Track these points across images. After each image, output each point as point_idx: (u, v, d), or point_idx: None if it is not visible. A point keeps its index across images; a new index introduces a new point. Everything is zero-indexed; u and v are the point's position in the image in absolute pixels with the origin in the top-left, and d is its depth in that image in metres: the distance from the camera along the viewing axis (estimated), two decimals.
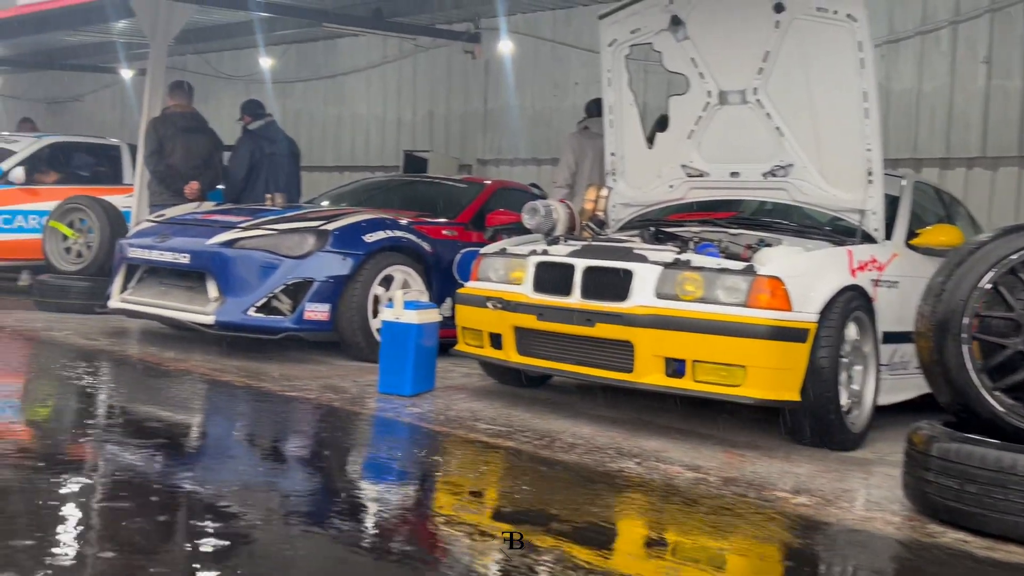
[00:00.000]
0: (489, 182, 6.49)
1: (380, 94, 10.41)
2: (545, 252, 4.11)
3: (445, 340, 4.83)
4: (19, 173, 7.17)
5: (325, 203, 6.43)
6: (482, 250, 4.46)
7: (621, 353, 3.67)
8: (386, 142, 10.42)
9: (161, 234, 5.24)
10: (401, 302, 4.21)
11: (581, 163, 6.00)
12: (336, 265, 5.03)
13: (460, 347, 4.40)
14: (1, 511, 2.36)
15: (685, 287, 3.63)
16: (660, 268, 3.70)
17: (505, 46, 9.00)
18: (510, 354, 4.07)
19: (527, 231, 6.26)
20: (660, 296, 3.65)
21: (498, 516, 2.64)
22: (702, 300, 3.60)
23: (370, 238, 5.17)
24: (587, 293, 3.81)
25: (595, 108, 6.18)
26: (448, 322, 5.42)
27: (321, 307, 5.00)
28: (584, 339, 3.79)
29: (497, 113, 9.50)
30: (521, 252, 4.21)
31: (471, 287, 4.35)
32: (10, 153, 7.43)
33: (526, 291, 4.03)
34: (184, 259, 5.07)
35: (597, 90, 8.72)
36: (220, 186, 6.91)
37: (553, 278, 3.94)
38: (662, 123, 5.09)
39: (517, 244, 4.45)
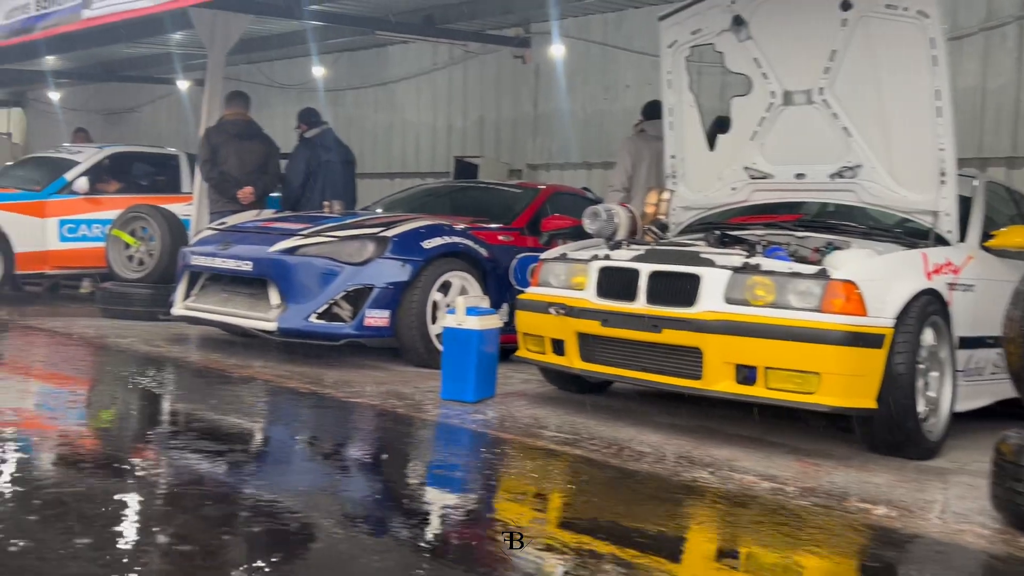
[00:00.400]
0: (543, 187, 6.45)
1: (430, 100, 10.42)
2: (607, 257, 4.05)
3: (503, 346, 4.88)
4: (83, 183, 7.31)
5: (380, 210, 6.44)
6: (542, 255, 4.41)
7: (689, 360, 3.59)
8: (436, 148, 10.44)
9: (223, 242, 5.29)
10: (463, 308, 4.18)
11: (638, 166, 5.93)
12: (395, 271, 5.02)
13: (521, 353, 4.35)
14: (68, 515, 2.36)
15: (755, 292, 3.54)
16: (729, 272, 3.61)
17: (556, 50, 8.96)
18: (573, 360, 4.01)
19: (583, 235, 6.23)
20: (729, 301, 3.56)
21: (569, 526, 2.59)
22: (773, 305, 3.50)
23: (428, 244, 5.15)
24: (653, 298, 3.73)
25: (651, 110, 6.11)
26: (506, 328, 5.40)
27: (381, 313, 4.99)
28: (650, 345, 3.72)
29: (547, 117, 9.46)
30: (582, 257, 4.15)
31: (532, 293, 4.30)
32: (74, 164, 7.58)
33: (589, 296, 3.97)
34: (246, 266, 5.10)
35: (649, 93, 8.72)
36: (276, 193, 6.96)
37: (617, 283, 3.88)
38: (719, 125, 5.01)
39: (577, 249, 4.39)
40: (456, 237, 5.30)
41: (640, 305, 3.75)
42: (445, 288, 5.20)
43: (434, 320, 5.11)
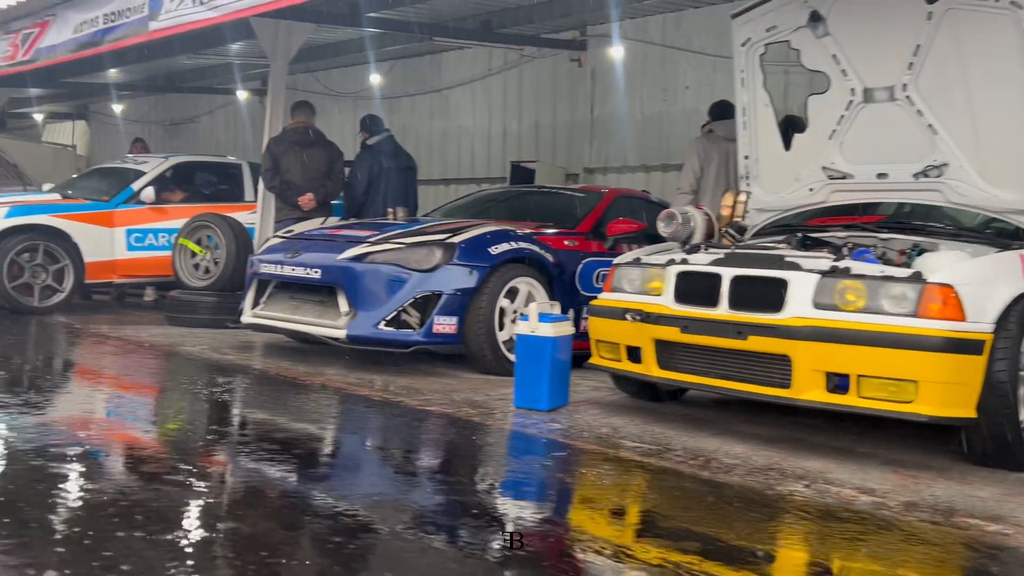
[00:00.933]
0: (607, 190, 6.34)
1: (485, 106, 10.38)
2: (684, 261, 3.93)
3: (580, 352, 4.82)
4: (149, 193, 7.39)
5: (441, 216, 6.40)
6: (616, 260, 4.31)
7: (777, 368, 3.45)
8: (491, 154, 10.38)
9: (292, 250, 5.28)
10: (536, 315, 4.09)
11: (706, 168, 5.79)
12: (463, 278, 4.96)
13: (594, 361, 4.25)
14: (141, 520, 2.32)
15: (846, 296, 3.39)
16: (817, 276, 3.47)
17: (613, 52, 8.85)
18: (650, 368, 3.89)
19: (648, 239, 6.11)
20: (818, 306, 3.42)
21: (660, 541, 2.47)
22: (865, 310, 3.35)
23: (495, 250, 5.08)
24: (736, 304, 3.61)
25: (719, 111, 5.96)
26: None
27: (449, 320, 4.93)
28: (734, 353, 3.59)
29: (604, 121, 9.34)
30: (658, 262, 4.04)
31: (605, 299, 4.20)
32: (140, 174, 7.67)
33: (667, 302, 3.85)
34: (315, 274, 5.09)
35: (709, 93, 8.56)
36: (339, 200, 6.97)
37: (697, 288, 3.76)
38: (789, 124, 4.85)
39: (651, 253, 4.28)
40: (522, 242, 5.22)
41: (722, 311, 3.63)
42: (512, 294, 5.13)
43: (501, 327, 5.05)
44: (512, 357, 5.07)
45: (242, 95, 11.83)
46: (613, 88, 9.18)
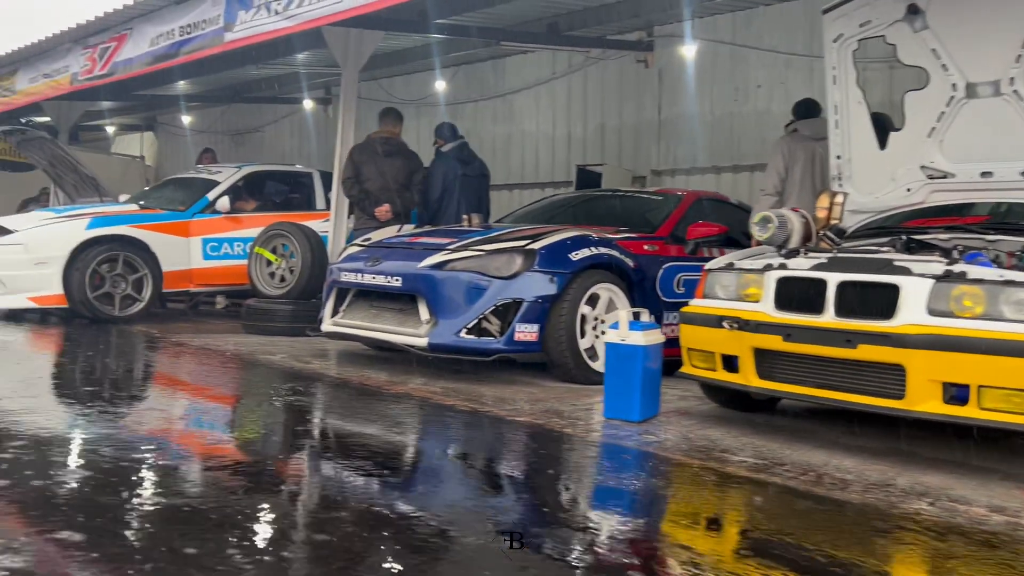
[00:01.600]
0: (684, 193, 6.18)
1: (549, 110, 10.28)
2: (783, 266, 3.77)
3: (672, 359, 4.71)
4: (225, 202, 7.46)
5: (513, 222, 6.31)
6: (707, 265, 4.16)
7: (889, 378, 3.28)
8: (556, 158, 10.28)
9: (371, 258, 5.24)
10: (626, 323, 3.97)
11: (791, 169, 5.59)
12: (544, 285, 4.86)
13: (687, 370, 4.11)
14: (221, 528, 2.27)
15: (963, 303, 3.21)
16: (930, 281, 3.29)
17: (682, 52, 8.69)
18: (749, 378, 3.74)
19: (729, 243, 5.94)
20: (932, 313, 3.24)
21: (793, 568, 2.33)
22: (984, 317, 3.16)
23: (576, 256, 4.97)
24: (843, 311, 3.44)
25: (803, 109, 5.78)
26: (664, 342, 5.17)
27: (530, 328, 4.84)
28: (842, 362, 3.43)
29: (672, 122, 9.17)
30: (754, 267, 3.89)
31: (698, 306, 4.06)
32: (214, 183, 7.74)
33: (766, 309, 3.70)
34: (396, 282, 5.04)
35: (782, 92, 8.34)
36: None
37: (799, 295, 3.60)
38: (877, 123, 4.66)
39: (744, 258, 4.12)
40: (602, 248, 5.11)
41: (828, 318, 3.47)
42: (592, 301, 5.02)
43: (582, 334, 4.94)
44: (594, 365, 4.99)
45: (308, 104, 11.92)
46: (681, 88, 9.01)
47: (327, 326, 5.44)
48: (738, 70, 8.58)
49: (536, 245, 4.96)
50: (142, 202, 7.75)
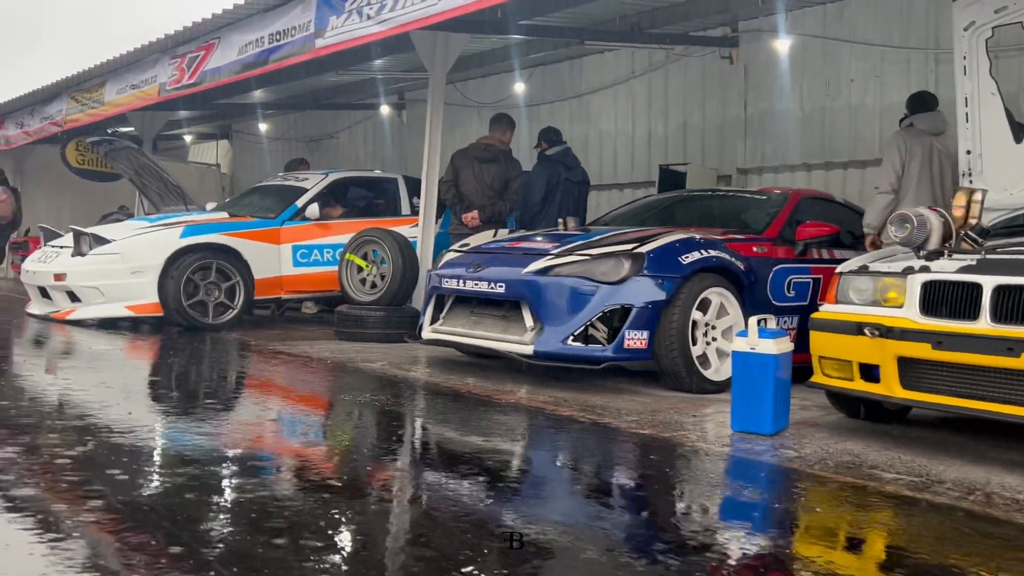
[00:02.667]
0: (790, 192, 5.93)
1: (628, 109, 10.07)
2: (926, 269, 3.52)
3: None
4: (314, 209, 7.43)
5: (606, 224, 6.14)
6: (839, 268, 3.93)
7: None
8: (636, 158, 10.07)
9: (473, 264, 5.12)
10: (755, 329, 3.76)
11: (908, 165, 5.30)
12: (653, 290, 4.68)
13: (818, 379, 3.88)
14: (319, 536, 2.14)
15: None
16: None
17: (768, 47, 8.41)
18: (892, 388, 3.51)
19: (840, 244, 5.67)
20: None
21: None
22: None
23: (686, 259, 4.78)
24: (1001, 317, 3.19)
25: (918, 103, 5.48)
26: None
27: (640, 335, 4.66)
28: (1001, 372, 3.17)
29: (759, 119, 8.88)
30: (893, 269, 3.65)
31: (831, 311, 3.83)
32: (301, 191, 7.73)
33: (910, 315, 3.46)
34: (499, 289, 4.91)
35: (876, 86, 8.00)
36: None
37: (949, 300, 3.35)
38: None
39: (877, 260, 3.88)
40: (712, 250, 4.90)
41: (984, 325, 3.22)
42: (703, 306, 4.82)
43: (694, 341, 4.74)
44: (706, 373, 4.79)
45: (385, 110, 11.92)
46: (769, 84, 8.72)
47: (427, 333, 5.33)
48: (829, 64, 8.27)
49: (644, 249, 4.78)
50: (233, 210, 7.78)
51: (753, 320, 3.80)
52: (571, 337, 4.66)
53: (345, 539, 2.30)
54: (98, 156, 11.87)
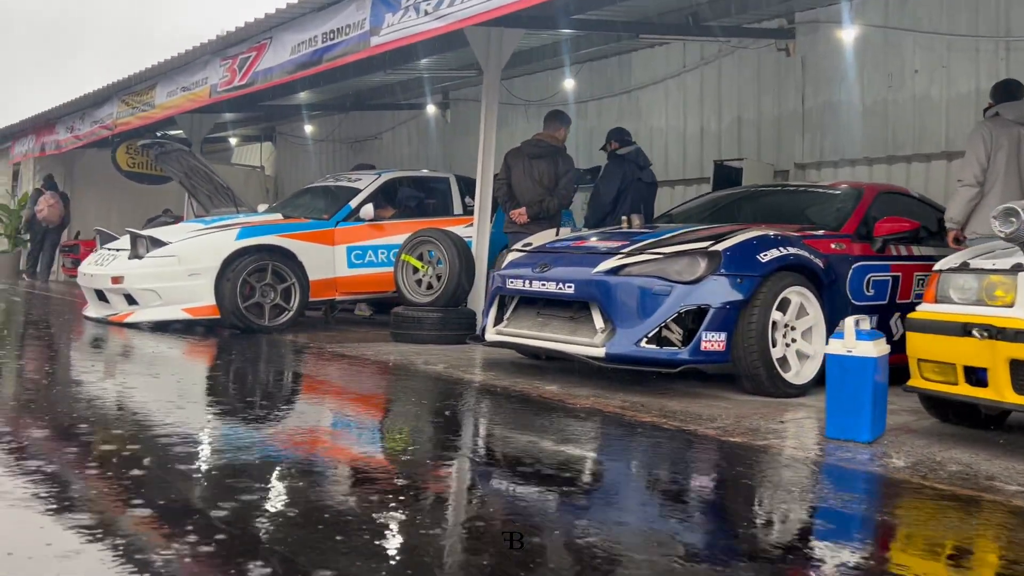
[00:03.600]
0: (864, 186, 5.69)
1: (679, 105, 9.83)
2: None
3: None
4: (369, 210, 7.31)
5: (669, 222, 5.94)
6: (937, 266, 3.70)
7: None
8: (688, 154, 9.83)
9: (539, 264, 4.94)
10: (852, 331, 3.54)
11: (994, 156, 5.03)
12: (731, 289, 4.47)
13: (915, 383, 3.65)
14: (379, 542, 1.98)
15: None
16: None
17: (827, 38, 8.14)
18: (1003, 393, 3.27)
19: (918, 240, 5.42)
20: None
21: None
22: None
23: (764, 257, 4.56)
24: None
25: (1004, 91, 5.21)
26: None
27: (718, 336, 4.45)
28: None
29: (817, 112, 8.60)
30: (1000, 267, 3.41)
31: (930, 311, 3.59)
32: (355, 191, 7.62)
33: (1023, 315, 3.23)
34: (568, 289, 4.73)
35: (943, 76, 7.69)
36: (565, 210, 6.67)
37: None
38: None
39: (976, 256, 3.64)
40: (791, 248, 4.68)
41: None
42: (782, 306, 4.60)
43: (773, 343, 4.52)
44: (787, 376, 4.58)
45: (431, 109, 11.80)
46: (828, 76, 8.44)
47: (491, 335, 5.17)
48: (892, 54, 7.97)
49: (720, 247, 4.57)
50: (286, 211, 7.69)
51: (850, 321, 3.58)
52: (644, 339, 4.47)
53: (396, 544, 2.14)
54: (148, 159, 11.90)
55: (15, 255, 15.54)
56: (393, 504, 2.52)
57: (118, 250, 7.10)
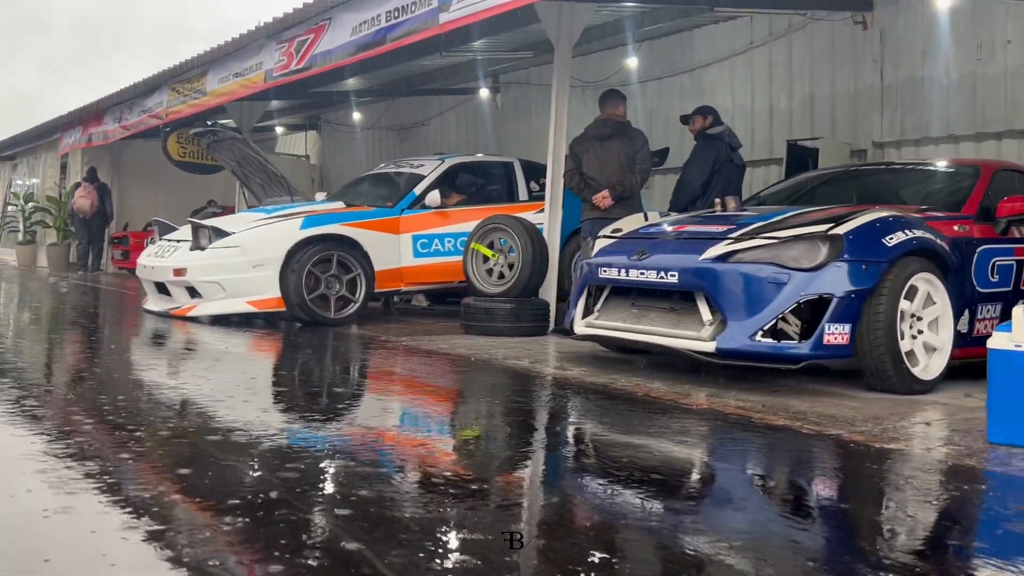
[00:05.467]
0: (980, 163, 5.20)
1: (746, 82, 9.33)
2: None
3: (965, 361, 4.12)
4: (435, 197, 6.93)
5: (759, 205, 5.49)
6: None
7: None
8: (756, 134, 9.31)
9: (636, 252, 4.53)
10: (1022, 323, 3.10)
11: None
12: (855, 276, 4.03)
13: None
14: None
15: None
16: None
17: (910, 9, 7.61)
18: None
19: None
20: None
21: None
22: None
23: (890, 241, 4.11)
24: None
25: None
26: (964, 340, 4.34)
27: (841, 328, 4.02)
28: None
29: (897, 88, 8.07)
30: None
31: None
32: (418, 178, 7.24)
33: None
34: (671, 278, 4.31)
35: None
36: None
37: None
38: None
39: None
40: (916, 230, 4.22)
41: None
42: (909, 295, 4.15)
43: (901, 335, 4.08)
44: (915, 371, 4.14)
45: (484, 93, 11.40)
46: (909, 50, 7.90)
47: (580, 328, 4.78)
48: (981, 25, 7.41)
49: (841, 230, 4.13)
50: (346, 200, 7.33)
51: (1018, 310, 3.14)
52: (760, 332, 4.05)
53: (486, 550, 1.76)
54: (199, 148, 11.63)
55: (64, 247, 15.42)
56: (508, 513, 2.14)
57: (178, 241, 6.80)
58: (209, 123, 10.39)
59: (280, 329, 6.40)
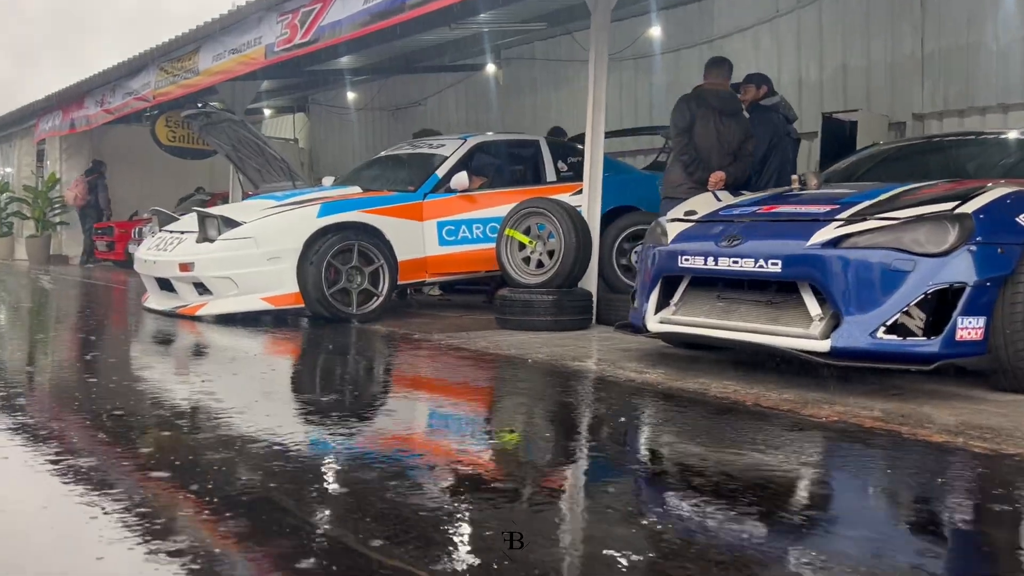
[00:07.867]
0: None
1: (773, 52, 8.71)
2: None
3: None
4: (462, 179, 6.23)
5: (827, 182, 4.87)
6: None
7: None
8: None
9: (727, 236, 3.89)
10: None
11: None
12: (991, 262, 3.42)
13: None
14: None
15: None
16: None
17: None
18: None
19: None
20: None
21: None
22: None
23: None
24: None
25: None
26: None
27: (975, 322, 3.42)
28: None
29: (940, 56, 7.50)
30: None
31: None
32: (441, 159, 6.53)
33: None
34: (774, 267, 3.68)
35: None
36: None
37: None
38: None
39: None
40: None
41: None
42: None
43: None
44: None
45: (491, 68, 10.67)
46: (952, 15, 7.33)
47: (654, 324, 4.13)
48: None
49: (968, 207, 3.52)
50: (358, 184, 6.62)
51: None
52: (883, 329, 3.43)
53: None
54: (191, 132, 10.79)
55: (45, 238, 14.53)
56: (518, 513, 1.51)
57: (182, 232, 6.05)
58: (200, 104, 9.57)
59: (294, 327, 5.70)
